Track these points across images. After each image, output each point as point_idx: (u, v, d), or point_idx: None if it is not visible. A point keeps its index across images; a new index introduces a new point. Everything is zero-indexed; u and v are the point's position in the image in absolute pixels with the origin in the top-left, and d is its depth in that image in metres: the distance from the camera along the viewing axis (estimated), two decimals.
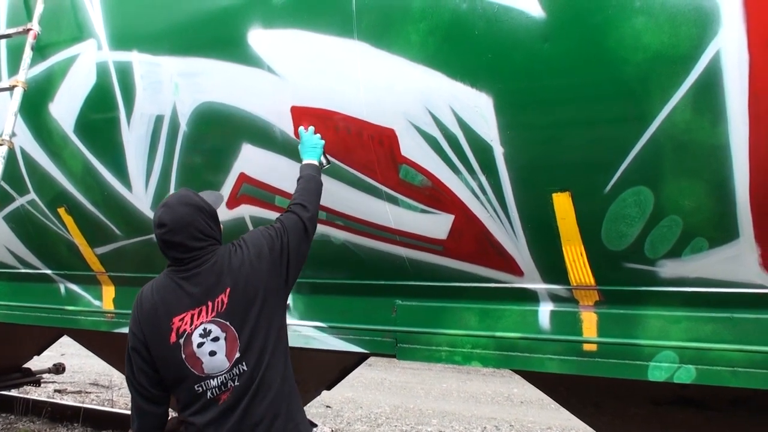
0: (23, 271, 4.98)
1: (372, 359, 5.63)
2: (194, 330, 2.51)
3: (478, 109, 2.84)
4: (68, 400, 8.09)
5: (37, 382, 7.31)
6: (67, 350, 10.54)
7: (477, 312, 3.26)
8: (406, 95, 2.97)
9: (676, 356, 2.81)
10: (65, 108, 4.02)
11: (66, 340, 6.56)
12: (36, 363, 7.27)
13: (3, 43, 4.27)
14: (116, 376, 9.02)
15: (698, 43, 2.43)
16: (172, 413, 5.09)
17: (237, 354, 2.52)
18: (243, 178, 3.54)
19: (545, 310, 3.12)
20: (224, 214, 3.60)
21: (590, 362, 2.98)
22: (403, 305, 3.46)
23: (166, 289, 2.59)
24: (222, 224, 2.83)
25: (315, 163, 3.11)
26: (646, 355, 2.86)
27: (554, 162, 2.80)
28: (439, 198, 3.08)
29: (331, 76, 3.13)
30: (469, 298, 3.28)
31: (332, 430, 7.15)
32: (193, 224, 2.58)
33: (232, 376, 2.52)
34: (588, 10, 2.57)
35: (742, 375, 2.70)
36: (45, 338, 6.75)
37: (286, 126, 3.30)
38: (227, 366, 2.51)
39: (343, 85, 3.10)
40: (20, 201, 4.54)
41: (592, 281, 2.95)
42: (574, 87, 2.66)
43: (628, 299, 2.94)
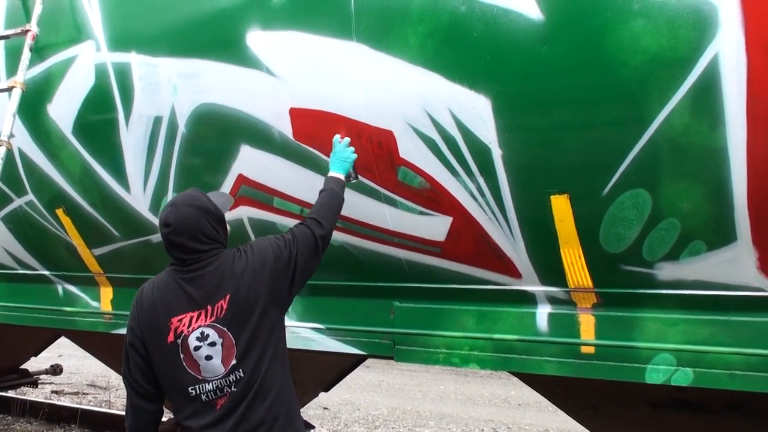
0: (21, 272, 4.98)
1: (370, 361, 5.63)
2: (191, 333, 2.50)
3: (476, 111, 2.84)
4: (65, 402, 8.07)
5: (35, 383, 7.30)
6: (64, 351, 10.52)
7: (475, 314, 3.26)
8: (405, 97, 2.97)
9: (673, 359, 2.81)
10: (63, 109, 4.02)
11: (63, 341, 6.55)
12: (33, 364, 7.25)
13: (1, 44, 4.26)
14: (113, 377, 9.01)
15: (696, 46, 2.43)
16: (169, 414, 5.08)
17: (233, 360, 2.50)
18: (241, 179, 3.54)
19: (543, 313, 3.12)
20: None
21: (588, 365, 2.98)
22: (401, 307, 3.46)
23: (167, 288, 2.58)
24: None
25: (341, 177, 3.03)
26: (643, 358, 2.87)
27: (552, 164, 2.80)
28: (438, 200, 3.08)
29: (329, 78, 3.13)
30: (467, 300, 3.28)
31: None
32: (197, 226, 2.56)
33: (228, 383, 2.51)
34: (586, 12, 2.58)
35: (740, 378, 2.70)
36: (42, 339, 6.73)
37: (284, 127, 3.30)
38: (222, 371, 2.50)
39: (342, 86, 3.10)
40: (18, 202, 4.54)
41: (590, 284, 2.96)
42: (573, 89, 2.66)
43: (625, 302, 2.94)
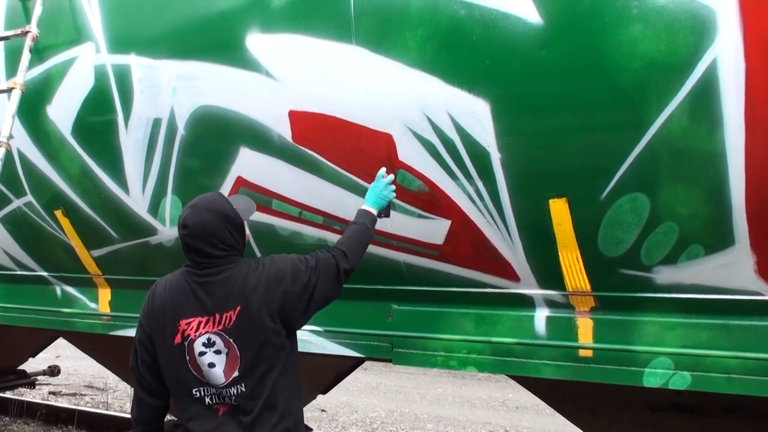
0: (19, 273, 4.97)
1: (367, 363, 5.63)
2: (198, 337, 2.49)
3: (475, 114, 2.85)
4: (63, 403, 8.04)
5: (32, 384, 7.28)
6: (62, 352, 10.50)
7: (473, 317, 3.27)
8: (404, 100, 2.98)
9: (671, 362, 2.81)
10: (63, 110, 4.02)
11: (61, 342, 6.55)
12: (31, 365, 7.23)
13: (1, 45, 4.26)
14: (111, 378, 8.99)
15: (695, 50, 2.44)
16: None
17: (236, 373, 2.49)
18: (240, 181, 3.54)
19: (541, 316, 3.12)
20: None
21: (586, 368, 2.99)
22: (400, 310, 3.46)
23: (179, 289, 2.57)
24: None
25: (374, 212, 2.98)
26: (641, 362, 2.87)
27: (551, 168, 2.80)
28: (436, 203, 3.08)
29: (328, 81, 3.14)
30: (466, 303, 3.28)
31: None
32: (214, 232, 2.53)
33: (228, 394, 2.50)
34: (585, 17, 2.58)
35: (737, 382, 2.70)
36: (40, 340, 6.73)
37: (283, 130, 3.30)
38: (223, 381, 2.49)
39: (341, 89, 3.11)
40: (17, 203, 4.54)
41: (588, 287, 2.96)
42: (571, 93, 2.67)
43: (623, 305, 2.94)
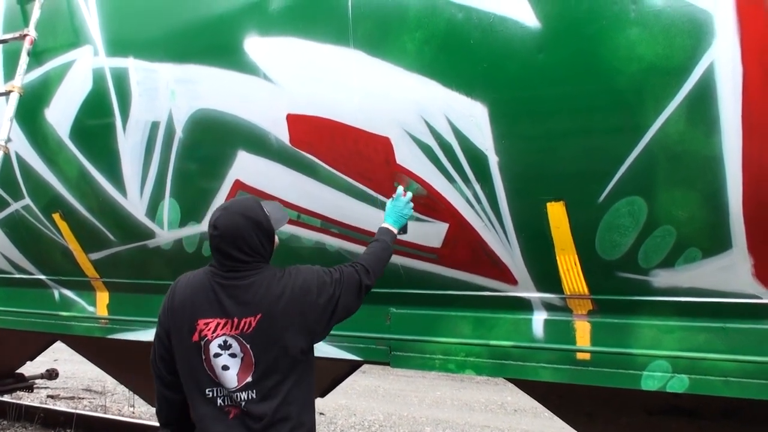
0: (17, 276, 4.97)
1: (366, 366, 5.61)
2: (214, 339, 2.48)
3: (473, 118, 2.85)
4: (61, 406, 8.04)
5: (30, 388, 7.28)
6: (60, 356, 10.47)
7: (471, 320, 3.27)
8: (402, 104, 2.98)
9: (669, 366, 2.82)
10: (61, 113, 4.02)
11: (59, 346, 6.53)
12: (29, 368, 7.23)
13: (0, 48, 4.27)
14: (109, 381, 8.98)
15: (692, 54, 2.45)
16: None
17: (249, 378, 2.48)
18: (238, 185, 3.54)
19: (539, 319, 3.12)
20: None
21: (583, 371, 2.99)
22: (398, 313, 3.46)
23: (200, 288, 2.56)
24: None
25: (395, 230, 3.00)
26: (639, 365, 2.87)
27: (548, 171, 2.81)
28: (434, 206, 3.08)
29: (326, 84, 3.14)
30: (463, 307, 3.28)
31: None
32: (244, 237, 2.51)
33: (239, 398, 2.49)
34: (583, 20, 2.59)
35: (735, 385, 2.71)
36: (38, 344, 6.71)
37: (281, 133, 3.30)
38: (235, 385, 2.48)
39: (339, 93, 3.11)
40: (15, 206, 4.53)
41: (586, 290, 2.96)
42: (569, 97, 2.67)
43: (621, 308, 2.94)
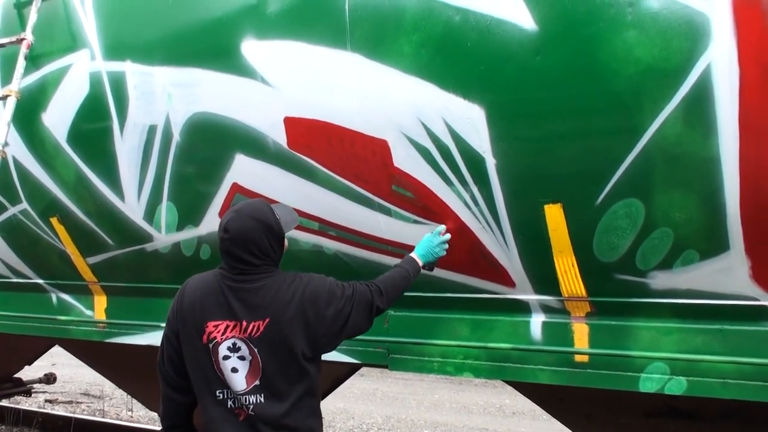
0: (15, 280, 4.96)
1: (364, 369, 5.61)
2: (224, 341, 2.48)
3: (470, 120, 2.85)
4: (59, 411, 8.04)
5: (28, 392, 7.26)
6: (58, 360, 10.47)
7: (469, 323, 3.26)
8: (399, 106, 2.98)
9: (667, 368, 2.82)
10: (58, 117, 4.02)
11: (57, 350, 6.52)
12: (27, 373, 7.22)
13: None
14: (107, 386, 8.97)
15: (689, 56, 2.45)
16: None
17: (257, 382, 2.48)
18: (236, 188, 3.54)
19: (537, 321, 3.12)
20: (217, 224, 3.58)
21: (582, 373, 2.99)
22: (396, 316, 3.45)
23: (210, 290, 2.55)
24: (211, 234, 2.79)
25: (421, 263, 3.00)
26: (637, 367, 2.87)
27: (546, 174, 2.81)
28: (432, 209, 3.08)
29: (324, 87, 3.14)
30: (461, 309, 3.28)
31: None
32: (254, 241, 2.52)
33: (247, 401, 2.49)
34: (580, 23, 2.59)
35: (733, 387, 2.71)
36: (36, 348, 6.71)
37: (279, 136, 3.30)
38: (243, 388, 2.49)
39: (336, 96, 3.11)
40: (12, 210, 4.53)
41: (584, 292, 2.96)
42: (566, 99, 2.67)
43: (619, 310, 2.94)
